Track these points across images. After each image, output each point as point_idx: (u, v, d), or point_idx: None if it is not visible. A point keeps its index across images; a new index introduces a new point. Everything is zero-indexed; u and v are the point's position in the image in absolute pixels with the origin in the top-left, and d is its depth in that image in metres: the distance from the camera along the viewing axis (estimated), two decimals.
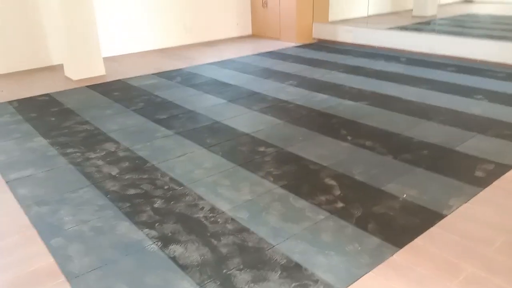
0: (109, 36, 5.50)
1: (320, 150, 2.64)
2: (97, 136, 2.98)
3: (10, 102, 3.82)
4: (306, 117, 3.26)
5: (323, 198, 2.09)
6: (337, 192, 2.15)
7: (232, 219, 1.94)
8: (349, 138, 2.82)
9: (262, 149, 2.70)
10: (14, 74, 4.88)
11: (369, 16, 7.37)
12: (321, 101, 3.64)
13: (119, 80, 4.46)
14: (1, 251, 1.81)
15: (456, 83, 4.00)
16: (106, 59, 5.34)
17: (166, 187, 2.26)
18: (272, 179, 2.30)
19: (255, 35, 6.96)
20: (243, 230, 1.86)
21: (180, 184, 2.28)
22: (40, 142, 2.91)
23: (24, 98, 3.93)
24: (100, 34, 5.13)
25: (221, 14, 6.57)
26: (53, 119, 3.36)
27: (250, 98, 3.76)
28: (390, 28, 6.11)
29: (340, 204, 2.03)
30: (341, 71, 4.59)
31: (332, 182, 2.24)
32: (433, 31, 6.20)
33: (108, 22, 5.45)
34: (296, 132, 2.96)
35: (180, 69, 4.91)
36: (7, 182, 2.38)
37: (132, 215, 2.01)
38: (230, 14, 6.69)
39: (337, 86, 4.04)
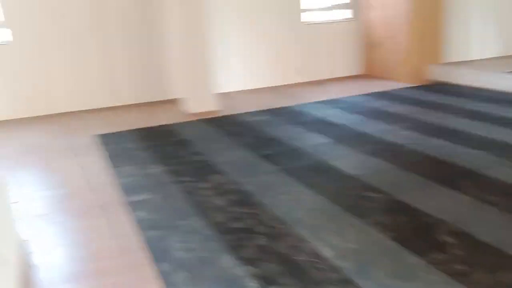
0: (226, 73, 5.87)
1: (436, 202, 2.43)
2: (208, 167, 3.13)
3: (135, 130, 4.24)
4: (420, 163, 3.05)
5: (439, 256, 1.90)
6: (457, 251, 1.93)
7: (336, 268, 1.85)
8: (469, 190, 2.56)
9: (370, 194, 2.57)
10: (141, 104, 5.45)
11: (489, 59, 6.80)
12: (437, 147, 3.39)
13: (232, 115, 4.69)
14: (113, 270, 1.95)
15: None
16: (221, 95, 5.69)
17: (269, 224, 2.26)
18: (380, 228, 2.16)
19: (366, 75, 6.85)
20: (347, 281, 1.76)
21: (284, 223, 2.26)
22: (157, 169, 3.16)
23: (147, 127, 4.34)
24: (217, 71, 5.51)
25: (332, 53, 6.61)
26: (171, 148, 3.64)
27: (357, 139, 3.66)
28: None
29: (459, 266, 1.82)
30: (460, 116, 4.26)
31: (450, 240, 2.03)
32: None
33: (226, 60, 5.83)
34: (408, 179, 2.78)
35: (288, 107, 5.01)
36: (128, 204, 2.60)
37: (235, 249, 2.04)
38: (342, 54, 6.70)
39: (456, 132, 3.74)
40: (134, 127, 4.36)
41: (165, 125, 4.42)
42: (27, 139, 4.22)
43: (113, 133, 4.16)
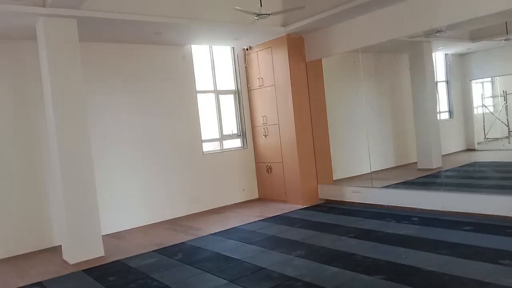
0: (113, 212, 5.48)
1: None
2: None
3: None
4: None
5: None
6: None
7: None
8: None
9: None
10: (13, 258, 4.72)
11: (373, 172, 7.43)
12: (332, 276, 3.31)
13: (117, 261, 4.24)
14: None
15: (477, 245, 3.68)
16: (108, 236, 5.23)
17: None
18: None
19: (261, 199, 6.94)
20: None
21: None
22: None
23: None
24: (104, 210, 5.12)
25: (228, 181, 6.67)
26: None
27: (254, 276, 3.45)
28: (397, 185, 6.06)
29: None
30: (351, 237, 4.34)
31: None
32: (441, 185, 6.11)
33: (112, 197, 5.50)
34: None
35: (183, 243, 4.72)
36: None
37: None
38: (237, 181, 6.79)
39: (349, 256, 3.74)
40: None
41: (38, 283, 3.79)
42: None
43: None
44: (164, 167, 6.01)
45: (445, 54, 10.21)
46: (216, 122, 6.76)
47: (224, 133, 6.84)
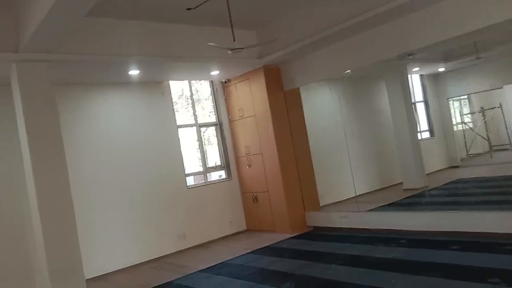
0: (97, 254, 5.32)
1: None
2: None
3: None
4: None
5: None
6: None
7: None
8: None
9: None
10: None
11: (359, 196, 7.42)
12: None
13: None
14: None
15: (465, 265, 3.66)
16: (92, 280, 5.07)
17: None
18: None
19: (249, 230, 6.84)
20: None
21: None
22: None
23: None
24: (87, 252, 4.97)
25: (215, 214, 6.57)
26: None
27: None
28: (383, 207, 6.04)
29: None
30: (341, 264, 4.27)
31: None
32: (427, 204, 6.13)
33: (95, 238, 5.35)
34: None
35: (169, 282, 4.59)
36: None
37: None
38: (224, 213, 6.70)
39: (339, 285, 3.67)
40: None
41: None
42: None
43: None
44: (148, 204, 5.91)
45: (421, 75, 10.46)
46: (199, 155, 6.73)
47: (208, 165, 6.80)
